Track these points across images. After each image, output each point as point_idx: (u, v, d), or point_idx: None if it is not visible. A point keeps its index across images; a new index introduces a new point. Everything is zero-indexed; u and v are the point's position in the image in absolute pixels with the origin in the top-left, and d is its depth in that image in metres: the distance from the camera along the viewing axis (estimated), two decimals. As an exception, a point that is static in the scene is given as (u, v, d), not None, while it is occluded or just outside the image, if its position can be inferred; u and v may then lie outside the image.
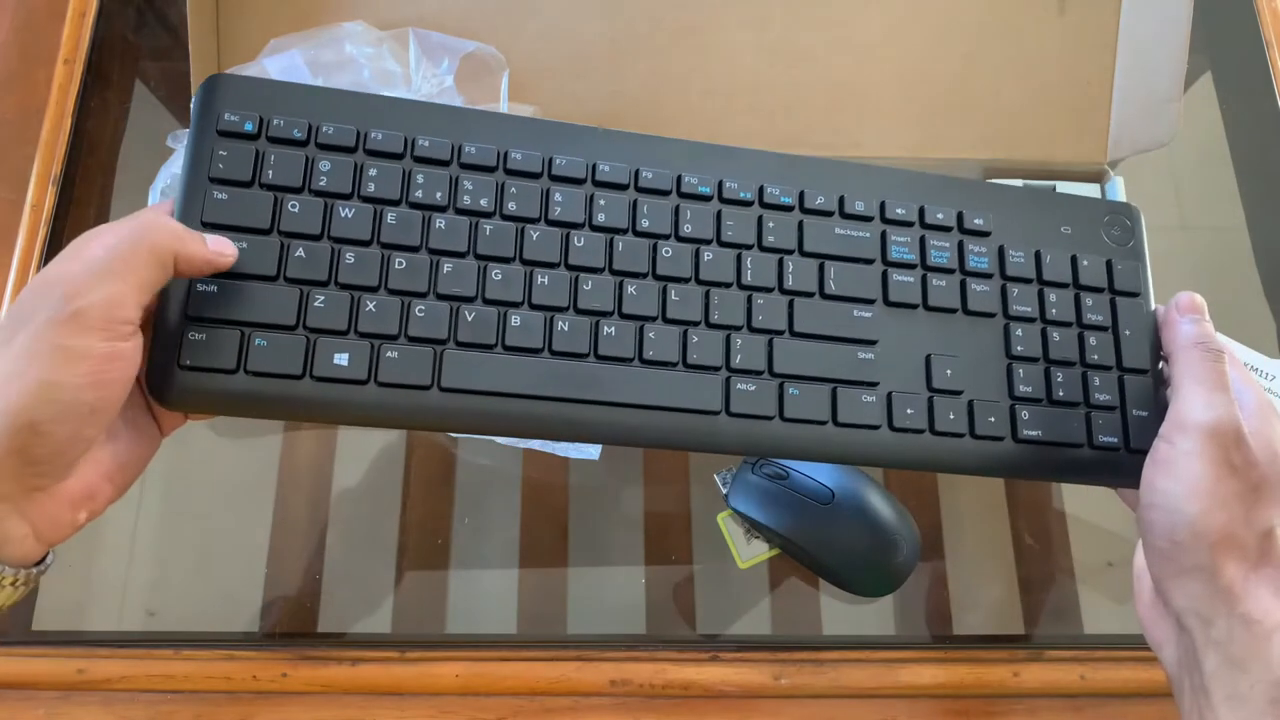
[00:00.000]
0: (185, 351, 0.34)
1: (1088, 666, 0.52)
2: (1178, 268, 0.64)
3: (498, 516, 0.55)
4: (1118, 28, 0.53)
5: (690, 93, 0.53)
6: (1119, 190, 0.54)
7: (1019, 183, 0.54)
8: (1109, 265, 0.42)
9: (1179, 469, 0.35)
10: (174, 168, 0.50)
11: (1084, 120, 0.54)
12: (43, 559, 0.33)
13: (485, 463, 0.56)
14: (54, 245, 0.59)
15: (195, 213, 0.35)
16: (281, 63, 0.49)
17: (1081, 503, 0.57)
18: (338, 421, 0.37)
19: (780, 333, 0.39)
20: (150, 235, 0.32)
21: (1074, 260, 0.41)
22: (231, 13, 0.51)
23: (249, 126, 0.37)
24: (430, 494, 0.55)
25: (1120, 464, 0.39)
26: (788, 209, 0.41)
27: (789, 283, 0.39)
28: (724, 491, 0.54)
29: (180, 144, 0.50)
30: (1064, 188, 0.55)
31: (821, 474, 0.52)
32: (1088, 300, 0.41)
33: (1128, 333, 0.41)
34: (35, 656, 0.50)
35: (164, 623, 0.53)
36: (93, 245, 0.32)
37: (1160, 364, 0.41)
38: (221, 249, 0.34)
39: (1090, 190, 0.55)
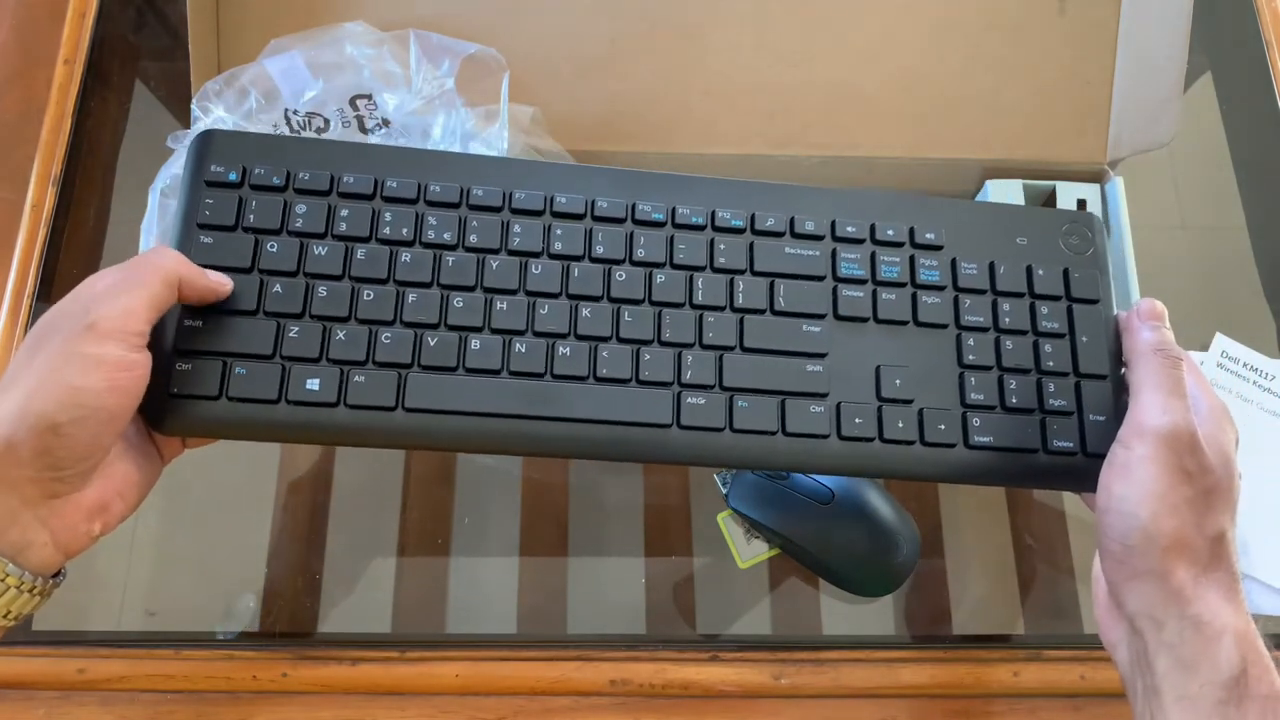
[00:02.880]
0: (174, 381, 0.37)
1: (1088, 666, 0.52)
2: (1178, 268, 0.64)
3: (497, 516, 0.55)
4: (1118, 28, 0.53)
5: (690, 93, 0.53)
6: (1119, 190, 0.54)
7: (1018, 183, 0.54)
8: (1066, 274, 0.42)
9: (1133, 473, 0.36)
10: (174, 168, 0.50)
11: (1084, 120, 0.54)
12: (59, 572, 0.35)
13: (485, 462, 0.56)
14: (54, 245, 0.59)
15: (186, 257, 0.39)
16: (281, 63, 0.49)
17: (1081, 503, 0.57)
18: (312, 442, 0.40)
19: (730, 348, 0.41)
20: (157, 260, 0.36)
21: (1029, 270, 0.42)
22: (231, 13, 0.51)
23: (233, 176, 0.40)
24: (430, 494, 0.56)
25: (1076, 469, 0.40)
26: (739, 231, 0.42)
27: (739, 301, 0.41)
28: (724, 491, 0.54)
29: (180, 144, 0.50)
30: (1064, 188, 0.55)
31: (821, 474, 0.52)
32: (1043, 309, 0.42)
33: (1085, 339, 0.41)
34: (35, 656, 0.50)
35: (164, 623, 0.53)
36: (105, 276, 0.35)
37: (1122, 370, 0.41)
38: (220, 279, 0.38)
39: (1090, 190, 0.55)
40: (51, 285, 0.59)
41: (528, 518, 0.55)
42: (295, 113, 0.50)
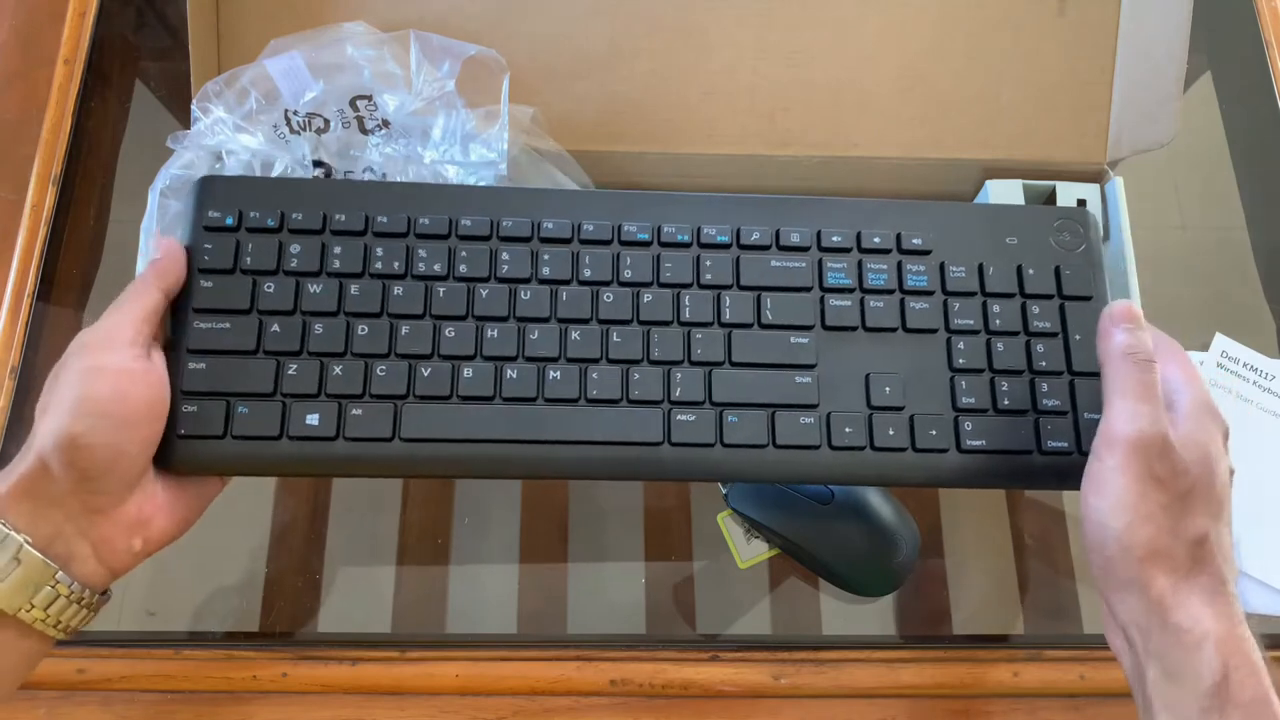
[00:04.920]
0: (181, 422, 0.39)
1: (1088, 666, 0.52)
2: (1178, 268, 0.64)
3: (498, 516, 0.55)
4: (1118, 28, 0.53)
5: (690, 93, 0.53)
6: (1119, 190, 0.54)
7: (1018, 184, 0.54)
8: (1057, 272, 0.42)
9: (1105, 485, 0.35)
10: (174, 168, 0.50)
11: (1084, 120, 0.54)
12: (105, 591, 0.38)
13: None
14: (54, 245, 0.59)
15: (188, 303, 0.40)
16: (282, 64, 0.49)
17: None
18: (313, 474, 0.42)
19: (719, 364, 0.41)
20: (143, 274, 0.39)
21: (1019, 270, 0.42)
22: (231, 13, 0.51)
23: (229, 220, 0.41)
24: (430, 494, 0.56)
25: (1073, 468, 0.39)
26: (724, 247, 0.43)
27: (726, 316, 0.42)
28: (724, 491, 0.54)
29: (180, 144, 0.50)
30: (1064, 188, 0.54)
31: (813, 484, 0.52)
32: (1034, 308, 0.42)
33: (1078, 337, 0.42)
34: (35, 656, 0.50)
35: (164, 623, 0.53)
36: None
37: None
38: (169, 251, 0.40)
39: (1090, 190, 0.55)
40: (51, 285, 0.59)
41: (528, 518, 0.55)
42: (295, 113, 0.50)
